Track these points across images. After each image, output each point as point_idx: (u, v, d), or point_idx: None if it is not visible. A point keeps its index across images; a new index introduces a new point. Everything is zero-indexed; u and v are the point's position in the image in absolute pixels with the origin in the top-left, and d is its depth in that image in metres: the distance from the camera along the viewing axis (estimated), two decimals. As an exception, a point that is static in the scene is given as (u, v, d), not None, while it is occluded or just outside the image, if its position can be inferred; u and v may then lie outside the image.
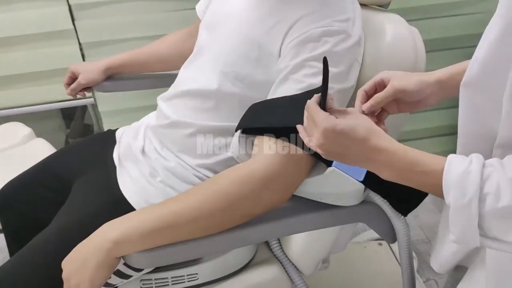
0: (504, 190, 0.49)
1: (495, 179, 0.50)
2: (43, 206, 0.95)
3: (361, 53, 0.81)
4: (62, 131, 1.95)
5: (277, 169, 0.70)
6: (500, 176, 0.50)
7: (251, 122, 0.76)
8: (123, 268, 0.80)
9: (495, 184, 0.50)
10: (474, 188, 0.50)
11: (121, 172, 0.91)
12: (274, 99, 0.75)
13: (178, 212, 0.68)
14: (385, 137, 0.57)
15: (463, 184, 0.51)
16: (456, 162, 0.52)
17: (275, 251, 0.96)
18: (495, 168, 0.51)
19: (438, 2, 1.61)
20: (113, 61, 1.15)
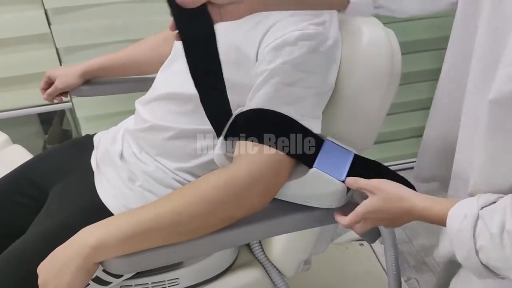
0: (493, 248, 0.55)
1: (485, 236, 0.56)
2: (20, 214, 0.94)
3: (339, 56, 0.81)
4: (40, 137, 1.92)
5: (258, 172, 0.70)
6: (489, 234, 0.56)
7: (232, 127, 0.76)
8: (102, 274, 0.78)
9: (486, 241, 0.56)
10: (468, 245, 0.57)
11: (99, 177, 0.90)
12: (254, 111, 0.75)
13: (158, 217, 0.68)
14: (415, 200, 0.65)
15: (459, 241, 0.58)
16: (453, 219, 0.59)
17: (256, 253, 0.96)
18: (486, 224, 0.56)
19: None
20: (90, 65, 1.14)
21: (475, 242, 0.56)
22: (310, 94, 0.75)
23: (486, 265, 0.57)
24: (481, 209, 0.58)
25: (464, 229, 0.57)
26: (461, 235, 0.58)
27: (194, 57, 0.67)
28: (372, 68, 0.79)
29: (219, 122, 0.76)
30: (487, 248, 0.56)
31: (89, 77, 1.15)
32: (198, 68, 0.69)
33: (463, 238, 0.57)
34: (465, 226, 0.57)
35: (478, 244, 0.56)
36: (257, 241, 0.97)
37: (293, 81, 0.73)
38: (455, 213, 0.60)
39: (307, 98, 0.74)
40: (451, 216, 0.60)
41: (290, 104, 0.73)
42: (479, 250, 0.56)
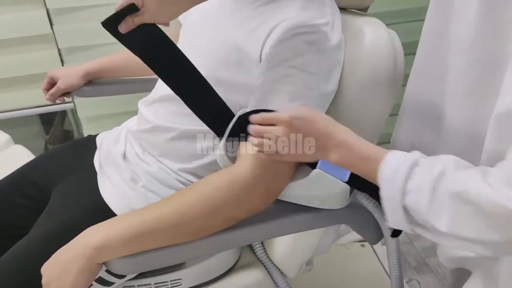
0: (422, 192, 0.55)
1: (418, 180, 0.56)
2: (21, 214, 0.94)
3: (342, 57, 0.81)
4: (41, 137, 1.92)
5: (260, 174, 0.70)
6: (425, 177, 0.55)
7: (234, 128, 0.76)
8: (105, 275, 0.79)
9: (417, 185, 0.56)
10: (399, 184, 0.57)
11: (102, 177, 0.90)
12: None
13: (161, 217, 0.68)
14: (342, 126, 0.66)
15: (392, 179, 0.58)
16: (391, 159, 0.59)
17: (258, 254, 0.96)
18: (423, 169, 0.56)
19: (417, 6, 1.63)
20: (92, 66, 1.14)
21: (406, 183, 0.56)
22: (313, 94, 0.75)
23: (407, 208, 0.57)
24: (421, 158, 0.58)
25: (401, 169, 0.57)
26: (395, 174, 0.57)
27: (160, 67, 0.72)
28: (375, 69, 0.79)
29: (216, 123, 0.76)
30: (416, 192, 0.56)
31: (92, 78, 1.15)
32: (171, 75, 0.72)
33: (396, 177, 0.57)
34: (401, 167, 0.57)
35: (408, 186, 0.56)
36: (259, 242, 0.97)
37: (296, 82, 0.73)
38: (394, 154, 0.60)
39: (310, 98, 0.74)
40: (390, 156, 0.59)
41: (292, 104, 0.73)
42: (408, 192, 0.56)
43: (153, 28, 0.70)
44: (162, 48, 0.71)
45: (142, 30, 0.68)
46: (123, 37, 0.69)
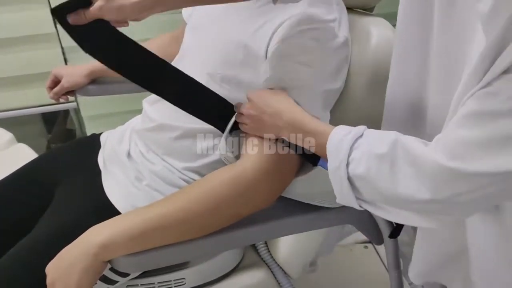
0: (364, 159, 0.57)
1: (361, 149, 0.58)
2: (26, 212, 0.93)
3: (349, 54, 0.81)
4: (43, 136, 1.92)
5: (264, 170, 0.70)
6: (366, 148, 0.57)
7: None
8: (109, 273, 0.78)
9: (360, 153, 0.58)
10: (343, 154, 0.58)
11: (106, 176, 0.90)
12: None
13: (166, 214, 0.68)
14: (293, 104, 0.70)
15: (337, 150, 0.60)
16: (337, 131, 0.61)
17: (262, 254, 0.96)
18: (367, 140, 0.59)
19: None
20: (97, 65, 1.13)
21: (350, 154, 0.58)
22: (318, 90, 0.75)
23: (352, 179, 0.58)
24: (365, 130, 0.60)
25: (345, 140, 0.59)
26: (340, 145, 0.59)
27: (117, 64, 0.72)
28: (381, 69, 0.79)
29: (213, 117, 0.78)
30: (358, 161, 0.57)
31: (96, 77, 1.15)
32: (130, 69, 0.73)
33: (340, 147, 0.59)
34: (346, 138, 0.59)
35: (352, 156, 0.58)
36: (263, 242, 0.97)
37: (301, 78, 0.74)
38: (341, 128, 0.62)
39: (316, 95, 0.75)
40: (336, 129, 0.62)
41: (298, 100, 0.73)
42: (350, 162, 0.58)
43: (105, 25, 0.66)
44: (114, 46, 0.70)
45: (93, 26, 0.65)
46: (72, 30, 0.66)
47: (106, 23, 0.66)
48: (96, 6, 0.63)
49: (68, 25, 0.64)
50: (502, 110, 0.45)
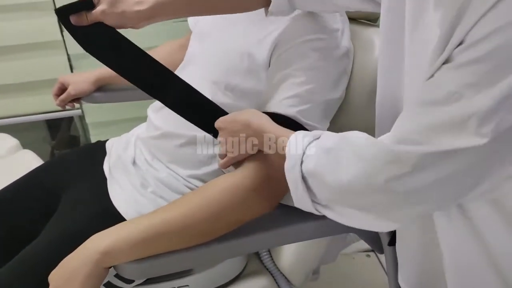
0: (315, 155, 0.58)
1: (314, 147, 0.59)
2: (31, 218, 0.94)
3: (350, 65, 0.82)
4: (47, 142, 1.93)
5: (264, 177, 0.71)
6: (318, 144, 0.58)
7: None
8: (114, 279, 0.79)
9: (313, 150, 0.58)
10: (298, 153, 0.59)
11: (111, 183, 0.90)
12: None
13: (167, 221, 0.68)
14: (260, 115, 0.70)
15: (291, 153, 0.60)
16: (295, 135, 0.62)
17: (265, 262, 0.96)
18: (322, 139, 0.59)
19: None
20: (103, 72, 1.15)
21: (304, 152, 0.59)
22: (318, 100, 0.76)
23: (304, 177, 0.59)
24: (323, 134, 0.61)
25: (300, 142, 0.60)
26: (295, 146, 0.60)
27: (116, 65, 0.74)
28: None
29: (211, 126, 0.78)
30: (310, 158, 0.58)
31: (102, 84, 1.16)
32: (129, 71, 0.74)
33: (295, 148, 0.60)
34: (302, 140, 0.60)
35: (306, 153, 0.58)
36: (266, 250, 0.97)
37: (301, 87, 0.74)
38: (299, 132, 0.62)
39: (315, 104, 0.75)
40: (295, 134, 0.62)
41: (295, 108, 0.74)
42: (304, 160, 0.58)
43: (105, 28, 0.69)
44: (113, 48, 0.72)
45: (95, 28, 0.68)
46: (74, 30, 0.68)
47: (107, 25, 0.68)
48: (99, 10, 0.66)
49: (70, 25, 0.67)
50: (439, 99, 0.47)
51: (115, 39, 0.71)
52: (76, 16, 0.67)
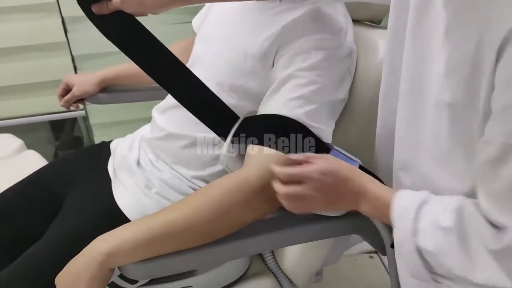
0: (430, 232, 0.53)
1: (427, 219, 0.54)
2: (36, 219, 0.94)
3: (353, 66, 0.82)
4: (51, 143, 1.94)
5: (267, 178, 0.70)
6: (431, 217, 0.54)
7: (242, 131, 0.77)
8: (118, 280, 0.79)
9: (426, 223, 0.54)
10: (409, 225, 0.54)
11: (116, 183, 0.91)
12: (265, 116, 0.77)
13: (171, 222, 0.68)
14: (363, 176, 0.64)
15: (400, 221, 0.56)
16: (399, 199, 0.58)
17: (269, 263, 0.97)
18: (432, 209, 0.55)
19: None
20: (108, 73, 1.15)
21: (415, 224, 0.54)
22: (323, 101, 0.76)
23: (420, 250, 0.54)
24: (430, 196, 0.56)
25: (408, 209, 0.55)
26: (404, 214, 0.56)
27: (132, 53, 0.75)
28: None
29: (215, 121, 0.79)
30: (424, 233, 0.53)
31: (107, 85, 1.16)
32: (144, 61, 0.75)
33: (404, 217, 0.55)
34: (410, 206, 0.55)
35: (417, 226, 0.54)
36: (270, 251, 0.97)
37: (306, 88, 0.75)
38: (403, 193, 0.58)
39: (320, 105, 0.75)
40: (398, 196, 0.58)
41: (302, 110, 0.74)
42: (418, 231, 0.54)
43: (126, 16, 0.71)
44: (132, 37, 0.74)
45: (115, 17, 0.71)
46: (96, 19, 0.71)
47: (127, 14, 0.71)
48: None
49: (92, 14, 0.70)
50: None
51: (134, 28, 0.73)
52: (97, 5, 0.70)
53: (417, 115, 0.61)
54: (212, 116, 0.79)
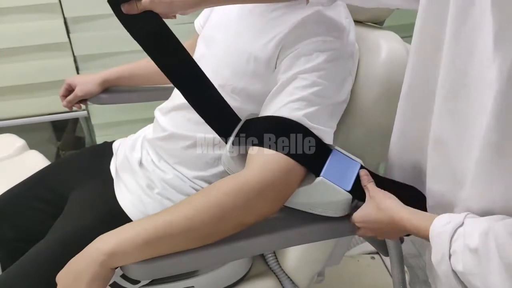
0: (462, 253, 0.54)
1: (460, 241, 0.55)
2: (38, 219, 0.95)
3: (355, 67, 0.82)
4: (53, 143, 1.94)
5: (269, 179, 0.71)
6: (463, 240, 0.55)
7: (244, 133, 0.77)
8: (120, 280, 0.79)
9: (460, 246, 0.55)
10: (444, 247, 0.56)
11: (118, 184, 0.91)
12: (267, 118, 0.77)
13: (172, 222, 0.68)
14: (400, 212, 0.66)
15: (436, 243, 0.57)
16: (436, 223, 0.59)
17: (270, 264, 0.97)
18: (465, 231, 0.55)
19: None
20: (110, 74, 1.15)
21: (450, 246, 0.56)
22: (324, 103, 0.76)
23: (456, 271, 0.56)
24: (466, 218, 0.57)
25: (444, 232, 0.57)
26: (440, 237, 0.57)
27: (155, 54, 0.75)
28: (390, 82, 0.80)
29: (218, 123, 0.79)
30: (457, 255, 0.55)
31: (109, 85, 1.17)
32: (165, 63, 0.76)
33: (440, 240, 0.57)
34: (445, 229, 0.57)
35: (453, 248, 0.55)
36: (272, 252, 0.97)
37: (308, 90, 0.75)
38: (440, 218, 0.60)
39: (321, 107, 0.75)
40: (435, 221, 0.59)
41: (303, 112, 0.74)
42: (452, 254, 0.55)
43: (154, 18, 0.72)
44: (157, 38, 0.75)
45: (143, 17, 0.71)
46: (124, 18, 0.72)
47: (155, 14, 0.71)
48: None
49: (121, 13, 0.71)
50: None
51: (160, 29, 0.74)
52: (127, 5, 0.70)
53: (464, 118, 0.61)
54: (218, 118, 0.79)
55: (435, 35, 0.62)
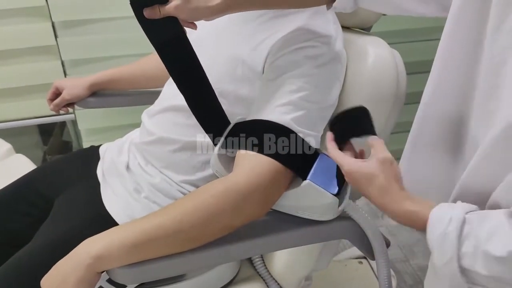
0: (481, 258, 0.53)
1: (471, 241, 0.54)
2: (24, 223, 0.94)
3: (343, 73, 0.83)
4: (39, 147, 1.92)
5: (256, 182, 0.71)
6: (476, 240, 0.54)
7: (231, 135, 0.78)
8: (106, 284, 0.78)
9: (471, 247, 0.54)
10: (452, 249, 0.55)
11: (105, 188, 0.90)
12: (255, 122, 0.77)
13: (160, 226, 0.68)
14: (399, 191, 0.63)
15: (441, 245, 0.56)
16: (436, 222, 0.57)
17: (258, 268, 0.96)
18: (474, 230, 0.54)
19: (419, 27, 1.67)
20: (98, 78, 1.15)
21: (459, 247, 0.54)
22: (312, 107, 0.76)
23: (465, 271, 0.55)
24: (466, 214, 0.56)
25: (450, 233, 0.55)
26: (445, 239, 0.55)
27: (169, 60, 0.75)
28: (378, 88, 0.81)
29: (213, 125, 0.79)
30: (472, 257, 0.53)
31: (97, 89, 1.16)
32: (177, 70, 0.75)
33: (447, 242, 0.55)
34: (450, 230, 0.55)
35: (462, 250, 0.54)
36: (259, 256, 0.97)
37: (295, 94, 0.75)
38: (438, 215, 0.57)
39: (309, 111, 0.76)
40: (434, 218, 0.57)
41: (290, 116, 0.75)
42: (462, 256, 0.54)
43: (175, 24, 0.71)
44: (175, 45, 0.74)
45: (164, 22, 0.70)
46: (145, 22, 0.71)
47: (176, 20, 0.71)
48: (173, 5, 0.68)
49: (142, 17, 0.70)
50: None
51: (179, 36, 0.73)
52: (150, 9, 0.69)
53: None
54: (213, 120, 0.79)
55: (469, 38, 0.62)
